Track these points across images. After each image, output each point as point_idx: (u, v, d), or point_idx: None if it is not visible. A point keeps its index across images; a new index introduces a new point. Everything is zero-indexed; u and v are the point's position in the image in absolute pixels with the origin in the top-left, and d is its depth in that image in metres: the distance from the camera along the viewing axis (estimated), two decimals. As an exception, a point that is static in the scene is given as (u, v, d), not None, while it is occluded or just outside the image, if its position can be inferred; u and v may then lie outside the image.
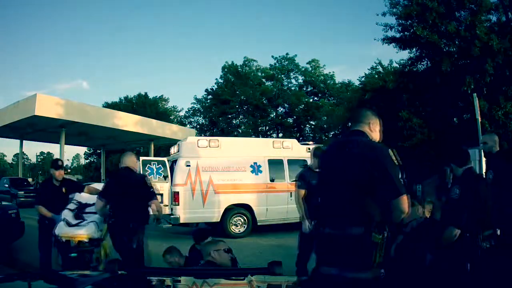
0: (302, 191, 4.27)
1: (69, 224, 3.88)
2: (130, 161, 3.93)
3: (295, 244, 4.69)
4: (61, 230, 3.80)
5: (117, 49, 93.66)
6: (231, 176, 8.36)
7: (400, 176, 1.87)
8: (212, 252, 2.75)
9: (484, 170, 5.18)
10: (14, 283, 1.64)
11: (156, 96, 42.55)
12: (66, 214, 4.00)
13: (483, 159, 5.98)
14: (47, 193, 4.57)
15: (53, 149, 72.63)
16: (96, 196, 4.14)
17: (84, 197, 4.43)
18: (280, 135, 34.66)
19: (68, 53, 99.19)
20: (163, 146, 27.62)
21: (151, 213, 4.02)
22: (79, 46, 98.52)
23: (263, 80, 36.21)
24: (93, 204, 4.18)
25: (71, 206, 4.21)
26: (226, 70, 36.31)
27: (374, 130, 2.12)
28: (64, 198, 4.43)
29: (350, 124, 2.20)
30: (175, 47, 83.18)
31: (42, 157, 74.60)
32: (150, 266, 3.64)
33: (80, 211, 4.18)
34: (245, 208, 8.40)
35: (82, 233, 3.81)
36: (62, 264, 3.86)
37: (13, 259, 5.68)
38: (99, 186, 4.72)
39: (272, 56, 37.41)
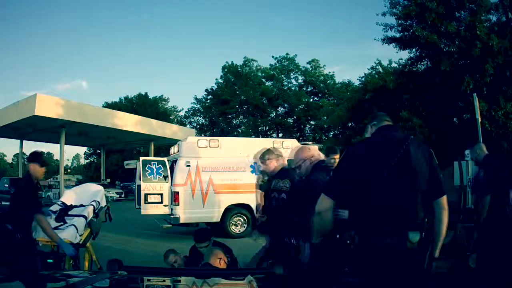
0: None
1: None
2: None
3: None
4: (39, 234, 3.42)
5: (117, 49, 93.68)
6: (231, 176, 8.36)
7: None
8: (212, 260, 2.77)
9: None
10: (14, 283, 1.64)
11: (156, 96, 42.66)
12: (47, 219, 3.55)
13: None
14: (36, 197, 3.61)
15: (53, 149, 72.76)
16: (85, 196, 4.08)
17: (70, 198, 4.19)
18: (280, 135, 34.69)
19: (68, 53, 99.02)
20: (163, 146, 27.64)
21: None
22: (79, 46, 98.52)
23: (263, 80, 36.25)
24: (80, 206, 4.04)
25: (54, 207, 3.86)
26: (226, 70, 36.34)
27: None
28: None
29: (374, 121, 2.06)
30: (175, 47, 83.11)
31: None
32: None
33: (63, 213, 3.88)
34: (245, 208, 8.40)
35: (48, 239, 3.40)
36: (40, 270, 3.49)
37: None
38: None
39: (272, 56, 37.55)
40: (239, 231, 8.38)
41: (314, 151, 2.95)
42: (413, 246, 1.74)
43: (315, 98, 36.37)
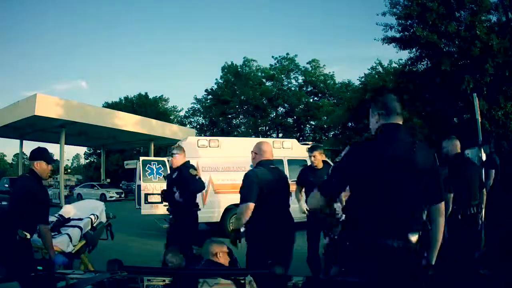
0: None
1: (40, 235, 3.29)
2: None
3: (295, 244, 4.68)
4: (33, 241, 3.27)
5: (117, 49, 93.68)
6: (231, 176, 8.35)
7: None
8: (219, 253, 2.75)
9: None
10: (14, 283, 1.64)
11: (156, 96, 42.67)
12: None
13: (483, 159, 6.03)
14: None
15: (53, 149, 72.70)
16: (84, 211, 4.04)
17: (69, 212, 4.15)
18: (280, 135, 34.68)
19: (68, 53, 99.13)
20: (163, 146, 27.65)
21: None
22: (79, 46, 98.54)
23: (263, 80, 36.24)
24: (78, 219, 4.00)
25: (51, 218, 3.71)
26: (226, 70, 36.35)
27: None
28: None
29: (383, 112, 1.94)
30: (175, 47, 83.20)
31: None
32: None
33: (58, 224, 3.83)
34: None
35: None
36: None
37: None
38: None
39: (272, 56, 37.62)
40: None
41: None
42: (411, 247, 1.75)
43: (315, 98, 36.36)
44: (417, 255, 1.78)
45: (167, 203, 4.42)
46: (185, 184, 4.21)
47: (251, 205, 2.99)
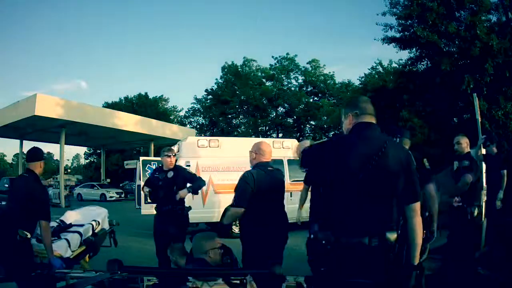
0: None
1: (39, 240, 3.33)
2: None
3: (295, 244, 4.69)
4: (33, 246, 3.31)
5: (117, 49, 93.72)
6: (231, 176, 8.33)
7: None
8: (210, 252, 2.62)
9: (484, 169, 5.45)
10: (14, 283, 1.64)
11: (156, 96, 42.64)
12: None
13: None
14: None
15: (53, 149, 72.69)
16: (86, 217, 4.03)
17: (70, 218, 4.10)
18: (280, 135, 34.68)
19: (68, 53, 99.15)
20: (163, 146, 27.62)
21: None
22: (79, 46, 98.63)
23: (263, 80, 36.24)
24: (79, 225, 3.97)
25: (51, 224, 3.63)
26: (226, 70, 36.34)
27: None
28: None
29: (357, 111, 1.95)
30: (175, 47, 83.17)
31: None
32: None
33: (58, 229, 3.77)
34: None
35: (43, 249, 3.24)
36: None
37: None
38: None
39: (272, 56, 37.53)
40: (239, 231, 8.36)
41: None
42: (388, 245, 1.76)
43: (315, 98, 36.36)
44: (395, 254, 1.78)
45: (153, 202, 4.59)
46: (188, 182, 4.43)
47: (241, 211, 3.12)
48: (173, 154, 4.52)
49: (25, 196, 3.09)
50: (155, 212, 8.27)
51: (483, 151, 4.77)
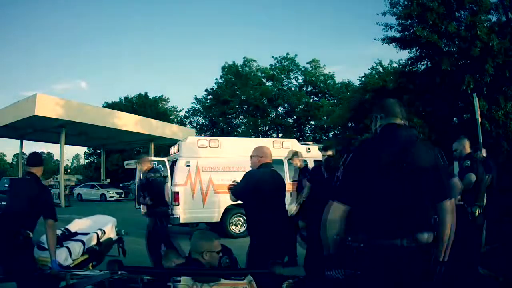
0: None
1: (40, 247, 3.39)
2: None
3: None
4: (36, 253, 3.37)
5: (117, 49, 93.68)
6: (231, 176, 8.34)
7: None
8: (205, 253, 2.54)
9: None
10: (14, 283, 1.64)
11: (156, 96, 42.62)
12: (44, 238, 3.34)
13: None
14: None
15: (53, 149, 72.64)
16: (93, 226, 4.03)
17: (76, 226, 4.07)
18: (280, 135, 34.68)
19: (68, 53, 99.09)
20: (163, 146, 27.64)
21: None
22: (79, 46, 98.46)
23: (263, 80, 36.23)
24: (84, 233, 3.95)
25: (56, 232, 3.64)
26: (226, 70, 36.33)
27: None
28: None
29: (382, 114, 1.96)
30: (175, 47, 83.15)
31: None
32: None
33: (62, 237, 3.74)
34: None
35: (45, 256, 3.25)
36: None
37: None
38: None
39: (272, 56, 37.52)
40: (239, 231, 8.37)
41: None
42: (423, 246, 1.73)
43: (315, 98, 36.36)
44: (430, 255, 1.76)
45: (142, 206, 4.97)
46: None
47: (237, 201, 3.94)
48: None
49: (28, 197, 3.14)
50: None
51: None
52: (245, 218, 8.44)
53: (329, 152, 4.70)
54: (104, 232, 4.17)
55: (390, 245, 1.71)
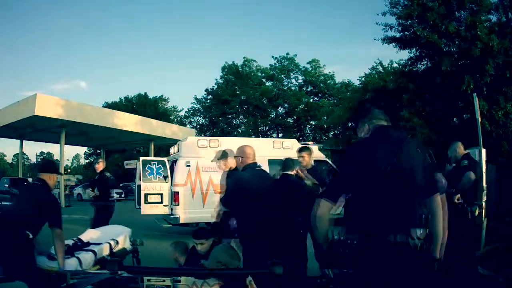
0: None
1: (50, 257, 3.30)
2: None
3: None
4: (42, 262, 3.26)
5: (117, 49, 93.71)
6: (231, 176, 8.36)
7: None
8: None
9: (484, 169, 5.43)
10: (14, 283, 1.64)
11: (156, 96, 42.62)
12: (53, 248, 3.25)
13: (483, 159, 6.02)
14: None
15: (53, 149, 72.71)
16: (106, 235, 4.01)
17: (89, 236, 3.94)
18: (280, 135, 34.69)
19: (68, 53, 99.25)
20: (163, 146, 27.64)
21: None
22: (79, 46, 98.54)
23: (263, 80, 36.23)
24: (97, 244, 3.81)
25: (68, 242, 3.60)
26: (226, 70, 36.33)
27: None
28: None
29: (372, 120, 2.09)
30: (175, 47, 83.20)
31: (42, 157, 74.49)
32: None
33: (73, 248, 3.63)
34: (245, 208, 8.38)
35: (54, 266, 3.15)
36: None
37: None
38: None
39: (272, 56, 37.52)
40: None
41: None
42: (416, 242, 1.76)
43: (315, 98, 36.36)
44: (424, 251, 1.79)
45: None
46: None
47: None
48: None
49: (33, 201, 3.15)
50: (155, 212, 8.63)
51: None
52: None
53: (304, 155, 4.72)
54: (117, 243, 4.03)
55: (383, 241, 1.74)
